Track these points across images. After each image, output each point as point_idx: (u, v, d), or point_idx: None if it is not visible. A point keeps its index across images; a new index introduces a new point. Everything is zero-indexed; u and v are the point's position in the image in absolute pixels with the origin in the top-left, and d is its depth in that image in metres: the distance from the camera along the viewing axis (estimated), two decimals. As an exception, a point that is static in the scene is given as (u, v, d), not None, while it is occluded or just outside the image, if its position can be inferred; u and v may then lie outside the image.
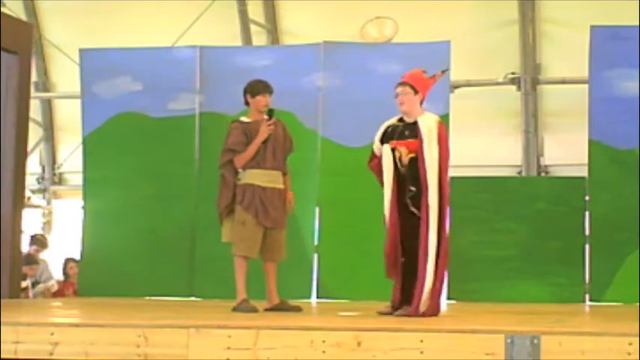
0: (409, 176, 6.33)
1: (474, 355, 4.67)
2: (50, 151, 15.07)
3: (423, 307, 6.20)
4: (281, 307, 6.85)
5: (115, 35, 13.08)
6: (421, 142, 6.29)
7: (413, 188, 6.32)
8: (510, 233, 9.44)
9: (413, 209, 6.32)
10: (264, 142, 6.93)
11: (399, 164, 6.36)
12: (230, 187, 6.99)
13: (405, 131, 6.43)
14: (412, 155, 6.32)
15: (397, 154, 6.35)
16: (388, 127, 6.54)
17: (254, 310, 6.64)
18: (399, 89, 6.50)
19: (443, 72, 6.81)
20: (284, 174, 7.07)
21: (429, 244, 6.22)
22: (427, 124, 6.35)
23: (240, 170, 6.97)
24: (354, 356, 4.78)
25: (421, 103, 6.51)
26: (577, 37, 11.12)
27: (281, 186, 7.02)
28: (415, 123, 6.39)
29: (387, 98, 8.73)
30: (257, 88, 7.09)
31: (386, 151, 6.42)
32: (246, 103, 7.14)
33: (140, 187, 9.83)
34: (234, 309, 6.71)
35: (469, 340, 4.72)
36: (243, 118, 7.10)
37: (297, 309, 6.83)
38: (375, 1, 12.97)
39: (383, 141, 6.51)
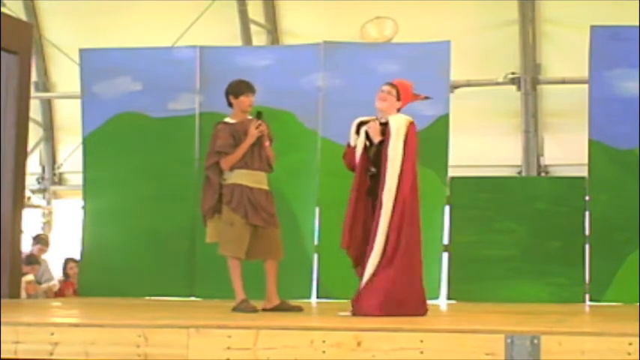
0: (372, 159, 6.41)
1: (474, 355, 4.67)
2: (50, 151, 15.06)
3: (365, 305, 6.17)
4: (281, 308, 6.84)
5: (115, 35, 13.07)
6: (388, 137, 6.36)
7: (373, 169, 6.40)
8: (510, 233, 9.45)
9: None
10: (253, 143, 6.93)
11: (370, 139, 6.44)
12: (215, 189, 6.98)
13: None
14: (381, 138, 6.37)
15: (369, 130, 6.43)
16: (362, 123, 6.56)
17: (254, 310, 6.63)
18: (386, 87, 6.57)
19: (426, 98, 6.84)
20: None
21: (377, 236, 6.23)
22: (397, 123, 6.42)
23: (227, 171, 6.96)
24: (354, 356, 4.78)
25: (398, 110, 6.56)
26: (577, 37, 11.12)
27: (267, 187, 7.01)
28: (387, 123, 6.44)
29: (387, 98, 8.73)
30: (240, 88, 7.07)
31: (361, 134, 6.49)
32: (230, 104, 7.10)
33: (140, 187, 9.84)
34: (234, 309, 6.71)
35: (469, 340, 4.72)
36: (228, 119, 7.07)
37: (298, 309, 6.82)
38: (375, 1, 12.96)
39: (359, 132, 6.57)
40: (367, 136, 6.50)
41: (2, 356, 5.06)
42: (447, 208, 9.62)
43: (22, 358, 5.08)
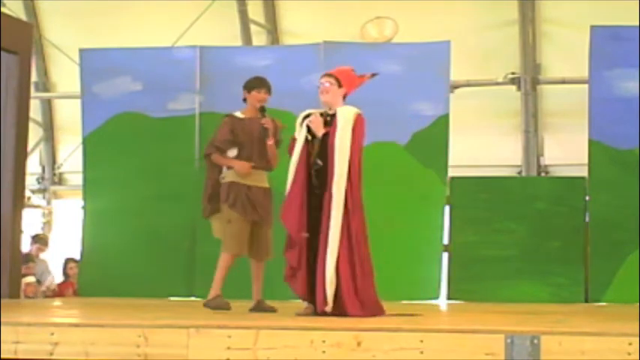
0: (318, 152, 6.32)
1: (474, 355, 4.67)
2: (50, 151, 15.06)
3: (329, 304, 6.07)
4: (257, 307, 6.82)
5: (115, 35, 13.07)
6: (334, 128, 6.30)
7: (320, 162, 6.31)
8: (510, 233, 9.46)
9: (315, 183, 6.29)
10: (251, 139, 6.89)
11: (312, 133, 6.37)
12: (211, 179, 6.99)
13: (325, 121, 6.41)
14: (326, 131, 6.31)
15: (311, 124, 6.37)
16: (309, 115, 6.51)
17: (226, 306, 6.60)
18: (324, 79, 6.51)
19: (372, 75, 6.72)
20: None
21: (330, 233, 6.11)
22: (345, 115, 6.36)
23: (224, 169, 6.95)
24: (354, 356, 4.78)
25: (344, 97, 6.50)
26: (577, 37, 11.12)
27: (266, 185, 6.99)
28: (335, 115, 6.39)
29: (387, 98, 8.75)
30: (252, 83, 7.06)
31: (302, 127, 6.43)
32: (244, 99, 7.10)
33: (140, 187, 9.84)
34: (206, 304, 6.69)
35: (469, 340, 4.72)
36: (238, 114, 7.06)
37: (272, 310, 6.77)
38: (375, 1, 12.97)
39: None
40: (309, 130, 6.41)
41: (2, 356, 5.06)
42: (447, 208, 9.63)
43: (22, 358, 5.08)
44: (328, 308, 6.08)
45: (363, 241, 6.27)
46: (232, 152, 6.95)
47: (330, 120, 6.41)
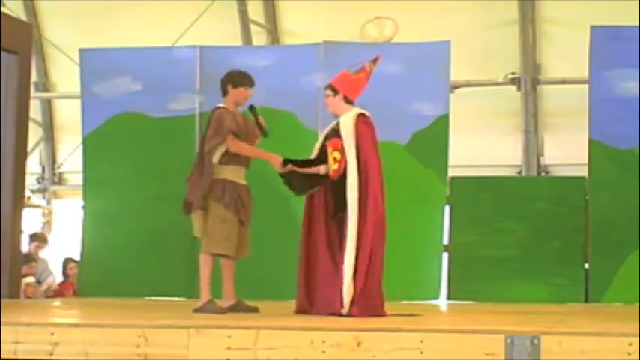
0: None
1: (474, 355, 4.67)
2: (50, 151, 15.05)
3: (346, 308, 6.06)
4: (237, 307, 6.73)
5: (115, 35, 13.07)
6: (342, 141, 6.28)
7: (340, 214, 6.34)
8: (510, 233, 9.46)
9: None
10: (242, 134, 6.76)
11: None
12: (209, 177, 6.67)
13: (335, 131, 6.42)
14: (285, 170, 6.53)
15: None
16: (330, 129, 6.52)
17: (222, 311, 6.48)
18: (325, 92, 6.49)
19: (373, 61, 6.53)
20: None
21: (348, 240, 6.11)
22: (346, 122, 6.32)
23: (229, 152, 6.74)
24: (354, 356, 4.78)
25: (348, 101, 6.42)
26: (577, 37, 11.13)
27: (246, 182, 6.87)
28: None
29: (387, 98, 8.74)
30: (242, 79, 6.85)
31: None
32: (225, 94, 6.86)
33: (140, 187, 9.84)
34: (198, 310, 6.54)
35: (469, 340, 4.72)
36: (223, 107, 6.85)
37: (254, 309, 6.70)
38: (375, 1, 12.97)
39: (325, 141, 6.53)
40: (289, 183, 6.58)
41: (2, 356, 5.06)
42: (447, 208, 9.63)
43: (22, 358, 5.08)
44: (344, 311, 6.07)
45: (377, 245, 6.18)
46: (223, 148, 6.74)
47: (337, 130, 6.38)
